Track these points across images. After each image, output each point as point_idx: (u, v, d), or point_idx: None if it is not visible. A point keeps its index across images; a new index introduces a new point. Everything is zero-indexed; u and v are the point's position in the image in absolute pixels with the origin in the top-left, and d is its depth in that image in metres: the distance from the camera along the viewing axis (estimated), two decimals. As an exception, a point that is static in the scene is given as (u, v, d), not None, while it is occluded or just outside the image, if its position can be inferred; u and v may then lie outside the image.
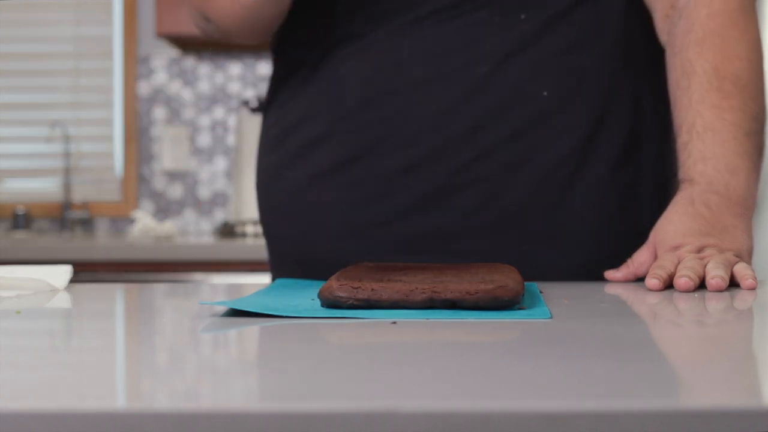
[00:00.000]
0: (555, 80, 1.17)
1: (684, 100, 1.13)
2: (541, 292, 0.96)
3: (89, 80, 3.37)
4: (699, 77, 1.12)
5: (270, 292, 0.95)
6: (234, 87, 3.34)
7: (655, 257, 1.09)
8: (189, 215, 3.33)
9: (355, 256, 1.16)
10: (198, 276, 2.67)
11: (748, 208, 1.10)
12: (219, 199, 3.33)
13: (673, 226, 1.08)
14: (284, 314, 0.79)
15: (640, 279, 1.11)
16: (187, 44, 3.25)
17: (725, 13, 1.14)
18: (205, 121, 3.34)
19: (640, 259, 1.10)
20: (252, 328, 0.76)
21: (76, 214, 3.30)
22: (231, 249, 2.70)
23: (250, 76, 3.33)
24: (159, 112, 3.34)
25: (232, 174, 3.28)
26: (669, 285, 1.01)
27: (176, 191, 3.34)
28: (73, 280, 1.07)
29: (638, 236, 1.17)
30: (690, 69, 1.13)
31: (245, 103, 3.14)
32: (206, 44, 3.25)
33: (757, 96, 1.13)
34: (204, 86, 3.33)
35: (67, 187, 3.32)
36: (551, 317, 0.78)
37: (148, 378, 0.58)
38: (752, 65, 1.13)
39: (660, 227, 1.10)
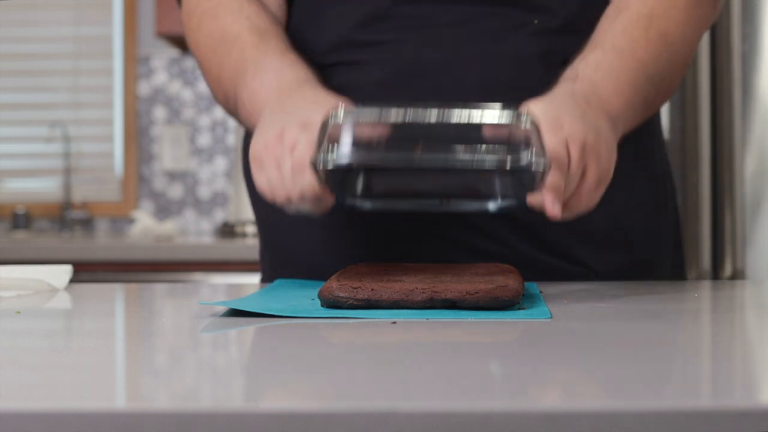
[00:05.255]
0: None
1: (605, 24, 1.06)
2: (541, 292, 0.96)
3: (89, 80, 3.37)
4: (630, 14, 1.06)
5: (270, 292, 0.95)
6: (234, 87, 3.34)
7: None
8: (189, 215, 3.33)
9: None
10: (198, 276, 2.67)
11: (618, 131, 1.01)
12: (219, 199, 3.33)
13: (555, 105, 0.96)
14: (284, 314, 0.79)
15: None
16: (186, 44, 3.25)
17: None
18: (205, 121, 3.34)
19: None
20: (252, 328, 0.76)
21: (76, 214, 3.30)
22: (231, 249, 2.70)
23: (250, 76, 3.33)
24: (159, 112, 3.34)
25: (232, 174, 3.27)
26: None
27: (176, 191, 3.34)
28: (73, 280, 1.07)
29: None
30: (624, 5, 1.07)
31: (245, 103, 3.15)
32: (206, 44, 3.25)
33: (670, 68, 1.07)
34: (204, 86, 3.33)
35: (67, 187, 3.31)
36: (551, 317, 0.78)
37: (148, 378, 0.58)
38: (685, 42, 1.07)
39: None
